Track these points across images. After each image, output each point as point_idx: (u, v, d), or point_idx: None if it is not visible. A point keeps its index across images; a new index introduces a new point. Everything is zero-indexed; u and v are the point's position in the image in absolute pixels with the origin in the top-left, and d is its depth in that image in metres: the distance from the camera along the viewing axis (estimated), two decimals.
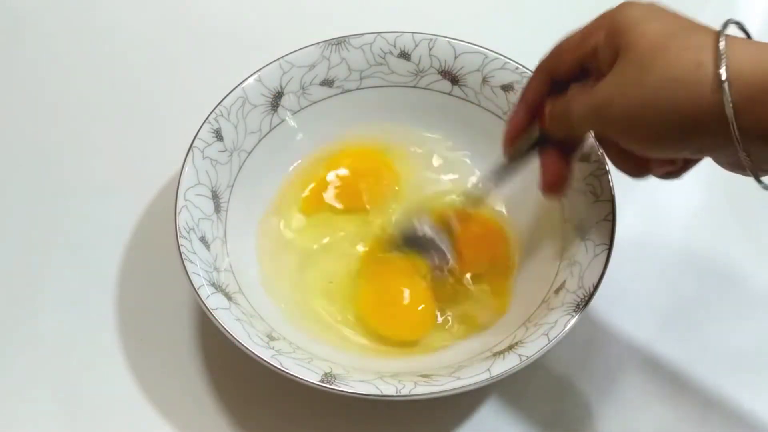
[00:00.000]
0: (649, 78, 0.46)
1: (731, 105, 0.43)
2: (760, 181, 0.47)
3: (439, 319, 0.61)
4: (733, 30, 0.47)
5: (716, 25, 0.46)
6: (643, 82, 0.46)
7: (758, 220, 0.68)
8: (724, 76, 0.44)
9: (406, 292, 0.62)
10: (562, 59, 0.53)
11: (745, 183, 0.69)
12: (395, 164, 0.67)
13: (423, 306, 0.61)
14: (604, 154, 0.53)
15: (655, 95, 0.46)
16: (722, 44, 0.44)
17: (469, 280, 0.62)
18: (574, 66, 0.52)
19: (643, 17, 0.48)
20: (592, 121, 0.50)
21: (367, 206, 0.65)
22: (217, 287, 0.57)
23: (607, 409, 0.59)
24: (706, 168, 0.70)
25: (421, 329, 0.61)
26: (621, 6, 0.49)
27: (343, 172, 0.66)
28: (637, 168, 0.52)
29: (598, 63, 0.50)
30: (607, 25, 0.49)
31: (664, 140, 0.47)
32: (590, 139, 0.58)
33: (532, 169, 0.63)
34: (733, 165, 0.48)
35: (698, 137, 0.46)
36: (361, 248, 0.64)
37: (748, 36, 0.47)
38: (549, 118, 0.53)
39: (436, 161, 0.67)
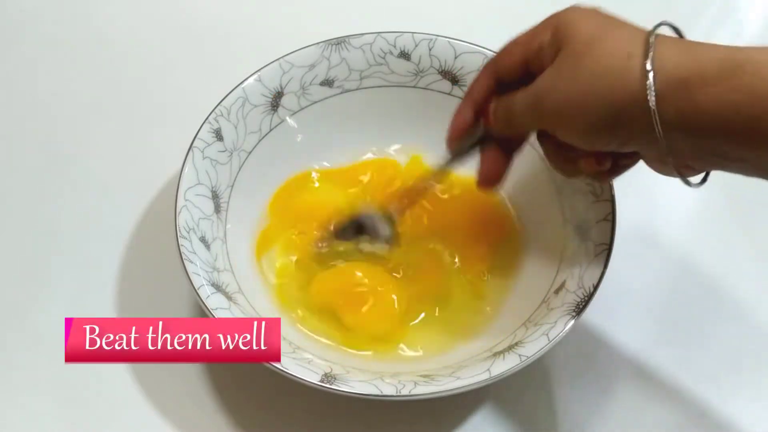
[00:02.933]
0: (582, 69, 0.48)
1: (654, 94, 0.46)
2: (685, 180, 0.50)
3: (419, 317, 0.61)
4: (667, 31, 0.49)
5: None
6: (576, 73, 0.48)
7: (758, 221, 0.68)
8: (649, 67, 0.46)
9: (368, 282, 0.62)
10: (508, 56, 0.54)
11: (745, 184, 0.70)
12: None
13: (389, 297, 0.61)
14: (542, 149, 0.55)
15: (586, 85, 0.48)
16: (652, 39, 0.47)
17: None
18: (520, 64, 0.53)
19: (583, 16, 0.50)
20: (529, 114, 0.52)
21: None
22: (217, 287, 0.57)
23: (608, 410, 0.59)
24: None
25: (387, 321, 0.61)
26: (567, 8, 0.51)
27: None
28: (568, 165, 0.54)
29: (542, 62, 0.51)
30: (553, 24, 0.51)
31: (594, 131, 0.49)
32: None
33: (532, 170, 0.63)
34: (661, 162, 0.50)
35: (625, 127, 0.48)
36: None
37: (681, 37, 0.50)
38: (493, 116, 0.55)
39: (436, 162, 0.67)
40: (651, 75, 0.46)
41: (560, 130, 0.51)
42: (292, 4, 0.80)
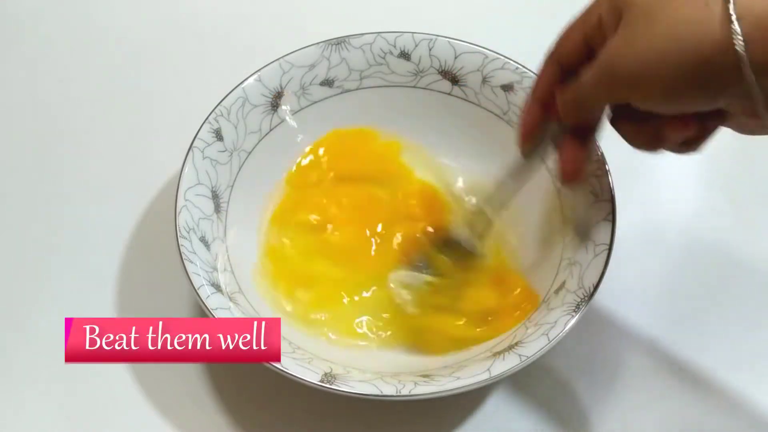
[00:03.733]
0: (657, 25, 0.45)
1: (741, 39, 0.43)
2: None
3: None
4: None
5: None
6: (650, 30, 0.45)
7: (758, 220, 0.68)
8: (732, 11, 0.43)
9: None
10: (567, 40, 0.52)
11: (745, 183, 0.70)
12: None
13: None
14: (618, 132, 0.51)
15: (664, 41, 0.45)
16: None
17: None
18: (582, 44, 0.51)
19: None
20: (602, 88, 0.49)
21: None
22: (217, 287, 0.57)
23: (607, 409, 0.59)
24: (707, 168, 0.71)
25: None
26: None
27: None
28: (652, 139, 0.50)
29: (603, 34, 0.49)
30: None
31: (678, 89, 0.46)
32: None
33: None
34: (752, 117, 0.46)
35: (712, 79, 0.45)
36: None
37: None
38: (561, 105, 0.52)
39: (436, 161, 0.67)
40: (735, 18, 0.43)
41: (639, 97, 0.47)
42: (292, 4, 0.80)
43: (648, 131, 0.50)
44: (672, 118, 0.48)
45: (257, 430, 0.59)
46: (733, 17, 0.43)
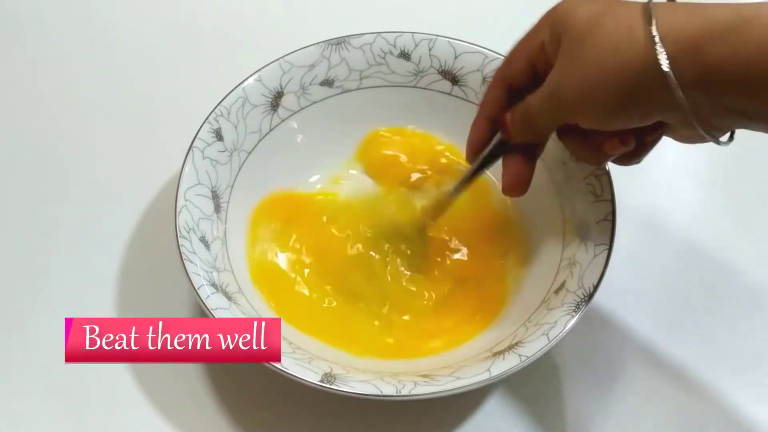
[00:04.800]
0: (588, 53, 0.48)
1: (666, 57, 0.46)
2: (715, 140, 0.49)
3: None
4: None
5: None
6: (583, 59, 0.49)
7: (758, 220, 0.68)
8: (655, 33, 0.46)
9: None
10: (514, 62, 0.55)
11: (745, 182, 0.70)
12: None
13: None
14: (564, 145, 0.55)
15: (595, 67, 0.48)
16: (651, 8, 0.47)
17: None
18: (527, 67, 0.54)
19: (577, 4, 0.50)
20: (548, 111, 0.52)
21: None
22: (217, 287, 0.57)
23: (607, 409, 0.59)
24: (706, 167, 0.71)
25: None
26: (559, 2, 0.52)
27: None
28: (595, 153, 0.53)
29: (547, 60, 0.52)
30: (549, 20, 0.52)
31: (614, 111, 0.49)
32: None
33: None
34: (687, 128, 0.49)
35: (644, 98, 0.48)
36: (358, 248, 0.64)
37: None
38: (511, 125, 0.55)
39: (436, 161, 0.67)
40: (658, 39, 0.46)
41: (581, 118, 0.51)
42: (292, 4, 0.80)
43: (592, 147, 0.53)
44: (611, 135, 0.51)
45: (257, 430, 0.59)
46: (656, 38, 0.46)
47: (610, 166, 0.59)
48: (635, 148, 0.52)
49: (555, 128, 0.54)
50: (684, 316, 0.63)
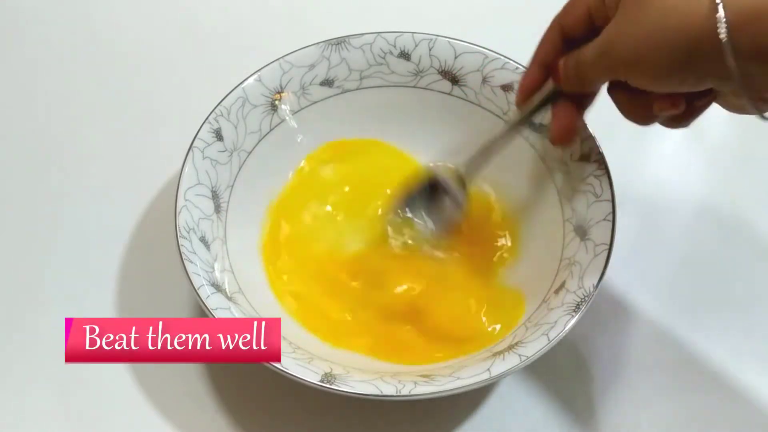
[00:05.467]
0: (648, 11, 0.48)
1: (725, 27, 0.45)
2: (762, 116, 0.49)
3: None
4: None
5: None
6: (643, 15, 0.48)
7: (758, 220, 0.68)
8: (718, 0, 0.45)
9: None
10: (572, 11, 0.54)
11: (745, 182, 0.70)
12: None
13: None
14: (613, 101, 0.54)
15: (654, 25, 0.48)
16: None
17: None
18: (584, 17, 0.53)
19: None
20: (601, 65, 0.52)
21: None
22: (217, 287, 0.57)
23: (607, 409, 0.59)
24: (707, 167, 0.71)
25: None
26: None
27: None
28: (643, 113, 0.53)
29: (606, 12, 0.51)
30: None
31: (668, 72, 0.48)
32: (593, 140, 0.59)
33: (531, 170, 0.63)
34: (738, 98, 0.49)
35: (699, 63, 0.47)
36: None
37: None
38: (563, 72, 0.55)
39: (435, 161, 0.67)
40: (720, 7, 0.45)
41: (633, 76, 0.50)
42: (292, 4, 0.80)
43: (640, 105, 0.52)
44: (662, 96, 0.51)
45: (257, 430, 0.59)
46: (719, 5, 0.45)
47: (611, 166, 0.59)
48: (684, 112, 0.52)
49: (606, 82, 0.54)
50: (684, 316, 0.63)
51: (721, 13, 0.45)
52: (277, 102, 0.65)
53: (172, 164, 0.63)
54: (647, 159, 0.53)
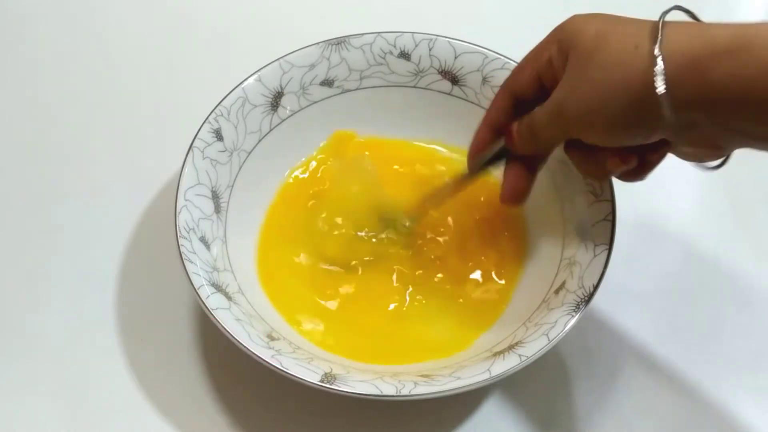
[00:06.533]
0: (594, 70, 0.49)
1: (662, 79, 0.46)
2: (702, 166, 0.51)
3: None
4: (682, 16, 0.49)
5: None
6: (588, 75, 0.49)
7: (758, 220, 0.68)
8: (657, 52, 0.46)
9: None
10: (521, 75, 0.55)
11: (745, 183, 0.70)
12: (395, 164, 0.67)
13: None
14: (570, 159, 0.56)
15: (599, 85, 0.48)
16: (660, 25, 0.47)
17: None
18: (533, 80, 0.54)
19: (586, 21, 0.51)
20: (553, 127, 0.53)
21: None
22: (217, 287, 0.57)
23: (607, 409, 0.59)
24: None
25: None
26: (569, 18, 0.52)
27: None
28: (598, 169, 0.54)
29: (554, 75, 0.52)
30: (558, 36, 0.52)
31: (617, 128, 0.49)
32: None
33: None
34: (689, 146, 0.50)
35: (645, 118, 0.48)
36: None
37: (695, 18, 0.50)
38: (517, 136, 0.56)
39: (435, 161, 0.67)
40: (659, 60, 0.46)
41: (586, 134, 0.51)
42: (293, 4, 0.80)
43: (595, 161, 0.53)
44: (614, 154, 0.52)
45: (257, 430, 0.59)
46: (657, 58, 0.46)
47: None
48: (639, 166, 0.53)
49: (559, 142, 0.55)
50: (684, 316, 0.63)
51: (659, 66, 0.46)
52: (277, 102, 0.65)
53: (172, 164, 0.63)
54: None
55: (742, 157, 0.69)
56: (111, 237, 0.66)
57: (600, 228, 0.58)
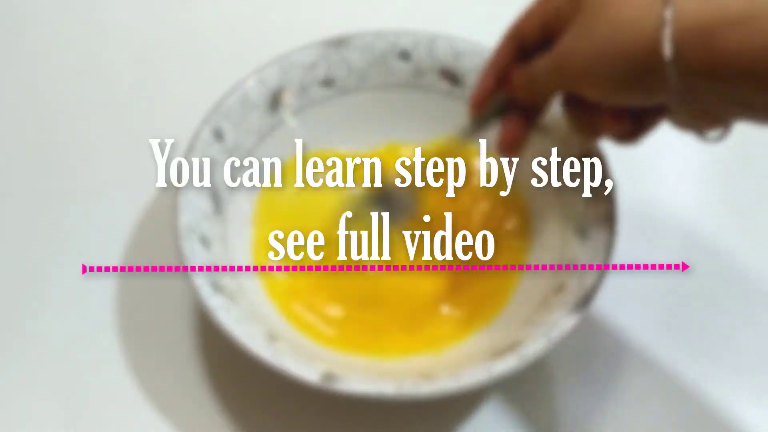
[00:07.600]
0: (601, 26, 0.48)
1: (670, 44, 0.45)
2: (702, 134, 0.50)
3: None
4: None
5: None
6: (595, 29, 0.49)
7: (759, 220, 0.68)
8: (667, 15, 0.46)
9: None
10: (527, 21, 0.55)
11: (745, 183, 0.70)
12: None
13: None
14: (564, 114, 0.55)
15: (606, 40, 0.48)
16: None
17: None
18: (539, 29, 0.54)
19: None
20: (553, 78, 0.52)
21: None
22: (217, 287, 0.57)
23: (607, 409, 0.59)
24: (706, 167, 0.71)
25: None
26: None
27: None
28: (590, 127, 0.54)
29: (560, 24, 0.52)
30: None
31: (617, 87, 0.49)
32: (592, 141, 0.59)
33: (531, 170, 0.63)
34: (687, 115, 0.50)
35: (648, 79, 0.47)
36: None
37: None
38: (516, 83, 0.55)
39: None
40: (668, 24, 0.45)
41: (585, 90, 0.51)
42: (292, 4, 0.80)
43: (589, 119, 0.53)
44: (608, 114, 0.52)
45: (257, 430, 0.59)
46: (667, 22, 0.46)
47: (611, 166, 0.59)
48: (633, 129, 0.52)
49: (558, 94, 0.55)
50: (684, 317, 0.63)
51: (667, 31, 0.45)
52: (277, 102, 0.65)
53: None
54: (648, 159, 0.53)
55: (742, 155, 0.69)
56: (111, 237, 0.66)
57: (600, 228, 0.58)
